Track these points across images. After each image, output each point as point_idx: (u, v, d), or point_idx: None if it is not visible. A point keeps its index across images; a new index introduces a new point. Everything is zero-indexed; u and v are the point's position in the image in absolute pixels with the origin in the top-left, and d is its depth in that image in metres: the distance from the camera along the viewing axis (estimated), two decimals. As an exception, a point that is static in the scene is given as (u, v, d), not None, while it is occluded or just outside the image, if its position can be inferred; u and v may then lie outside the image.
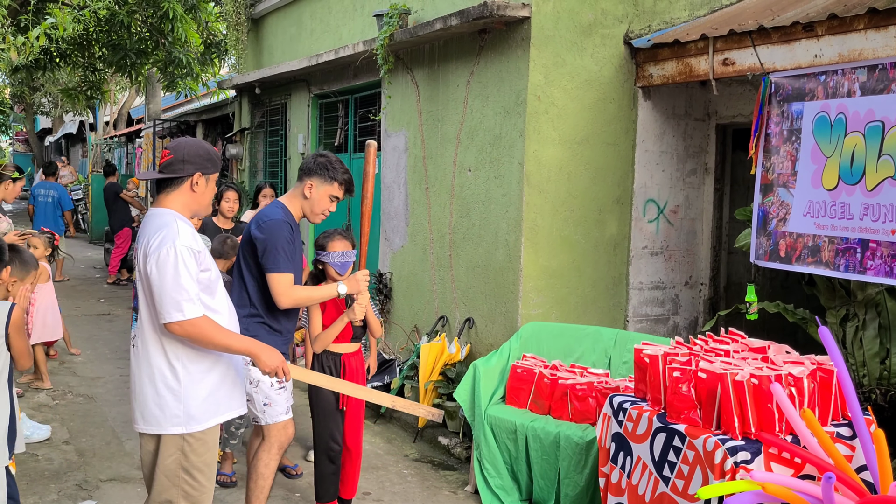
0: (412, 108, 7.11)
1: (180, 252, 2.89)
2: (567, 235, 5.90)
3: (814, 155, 4.73)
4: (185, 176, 3.04)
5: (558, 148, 5.82)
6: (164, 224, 2.97)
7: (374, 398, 3.69)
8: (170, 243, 2.89)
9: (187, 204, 3.08)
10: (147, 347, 3.00)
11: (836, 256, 4.54)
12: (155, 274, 2.88)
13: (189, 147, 3.08)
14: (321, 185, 3.78)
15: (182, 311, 2.87)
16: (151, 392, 3.00)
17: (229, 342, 3.01)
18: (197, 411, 3.01)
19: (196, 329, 2.91)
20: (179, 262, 2.88)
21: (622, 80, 6.03)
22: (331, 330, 4.10)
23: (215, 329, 2.97)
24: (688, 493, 3.47)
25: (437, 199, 6.77)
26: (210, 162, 3.10)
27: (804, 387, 3.50)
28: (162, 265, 2.87)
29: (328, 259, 4.10)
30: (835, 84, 4.62)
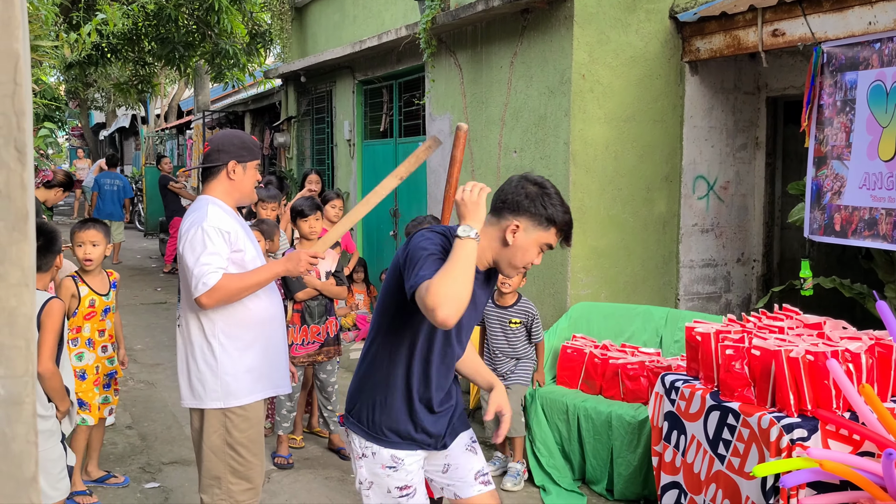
0: (456, 91, 7.11)
1: (207, 231, 2.98)
2: (615, 215, 5.85)
3: (869, 125, 4.60)
4: (221, 164, 3.14)
5: (604, 126, 5.76)
6: (196, 209, 3.12)
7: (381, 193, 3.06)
8: (197, 226, 2.99)
9: (227, 191, 3.17)
10: (188, 325, 3.12)
11: (894, 229, 4.43)
12: (184, 254, 3.00)
13: (224, 137, 3.19)
14: (533, 229, 2.46)
15: (206, 284, 2.94)
16: (194, 368, 3.11)
17: (256, 279, 3.06)
18: (236, 387, 3.09)
19: (221, 291, 2.97)
20: (206, 239, 2.97)
21: (668, 56, 5.93)
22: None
23: (237, 279, 3.02)
24: (744, 471, 3.45)
25: (482, 180, 6.76)
26: (245, 150, 3.17)
27: (862, 363, 3.43)
28: (189, 246, 2.98)
29: None
30: (890, 52, 4.49)
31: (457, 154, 2.96)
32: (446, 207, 3.17)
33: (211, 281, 2.93)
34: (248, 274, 3.05)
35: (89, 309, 4.36)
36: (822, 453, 3.15)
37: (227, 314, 3.07)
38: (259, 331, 3.15)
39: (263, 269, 3.10)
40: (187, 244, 3.00)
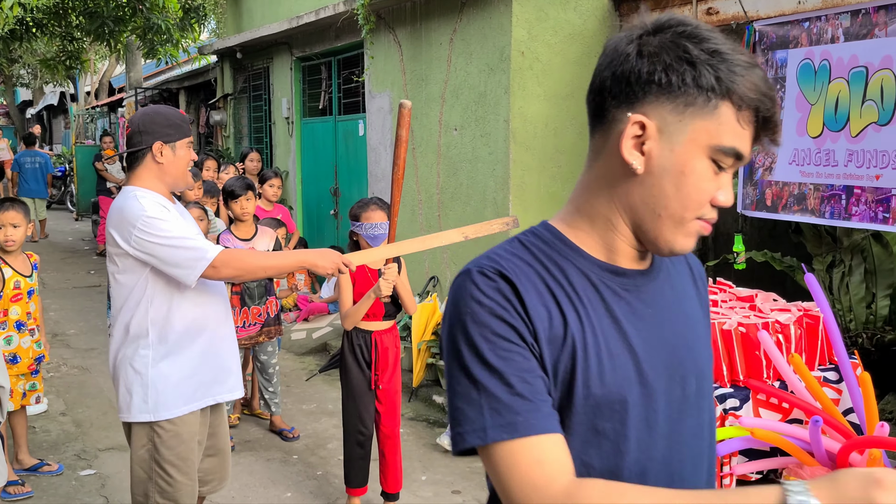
0: (395, 68, 7.05)
1: (154, 217, 2.68)
2: (555, 192, 5.90)
3: (798, 103, 4.72)
4: (145, 148, 2.79)
5: (544, 104, 5.79)
6: (123, 207, 2.74)
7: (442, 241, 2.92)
8: (140, 222, 2.66)
9: (157, 177, 2.82)
10: (117, 331, 2.83)
11: (822, 203, 4.56)
12: (146, 255, 2.68)
13: (145, 116, 2.83)
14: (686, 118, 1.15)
15: (205, 257, 2.66)
16: (123, 377, 2.82)
17: (279, 261, 2.85)
18: (165, 398, 2.79)
19: (234, 262, 2.72)
20: (162, 225, 2.67)
21: (606, 33, 5.97)
22: (359, 306, 3.75)
23: (257, 256, 2.85)
24: (678, 441, 3.53)
25: (423, 159, 6.74)
26: (171, 127, 2.81)
27: (791, 333, 3.53)
28: (148, 244, 2.67)
29: (361, 230, 3.82)
30: (818, 30, 4.60)
31: (402, 133, 2.87)
32: (395, 189, 3.03)
33: (211, 252, 2.67)
34: (272, 254, 2.89)
35: (15, 291, 4.24)
36: (754, 422, 3.25)
37: (160, 317, 2.78)
38: (197, 334, 2.86)
39: (290, 255, 2.91)
40: (143, 244, 2.67)
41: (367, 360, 3.90)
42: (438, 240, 2.84)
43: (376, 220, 3.80)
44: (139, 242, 2.66)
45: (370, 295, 3.66)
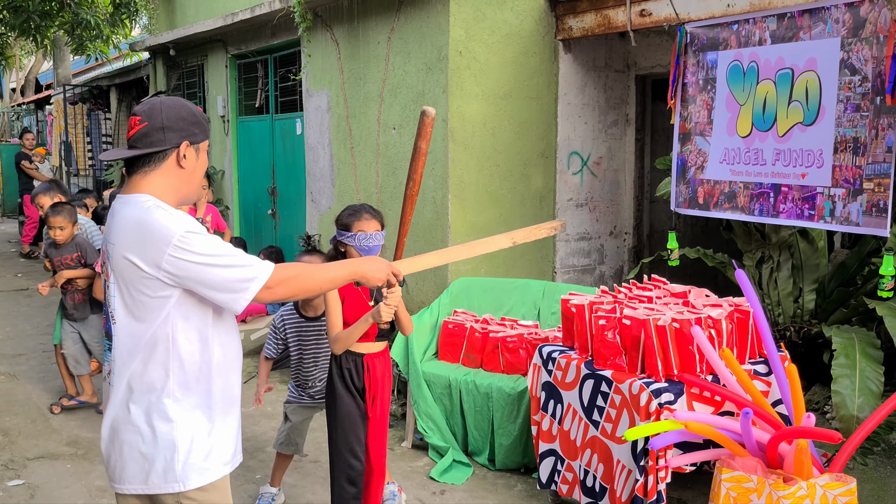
0: (333, 66, 6.99)
1: (193, 232, 2.16)
2: (493, 190, 5.94)
3: (728, 103, 4.85)
4: (169, 148, 2.25)
5: (482, 103, 5.82)
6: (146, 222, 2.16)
7: (491, 247, 2.81)
8: (177, 239, 2.13)
9: (174, 186, 2.28)
10: (125, 379, 2.25)
11: (751, 201, 4.70)
12: (184, 280, 2.16)
13: (169, 109, 2.27)
14: None
15: (258, 276, 2.18)
16: (133, 437, 2.24)
17: (333, 274, 2.38)
18: (196, 460, 2.25)
19: (291, 280, 2.25)
20: (204, 242, 2.16)
21: (543, 34, 6.04)
22: (353, 331, 3.35)
23: (309, 271, 2.33)
24: (616, 436, 3.59)
25: (362, 158, 6.71)
26: (198, 126, 2.31)
27: (723, 328, 3.63)
28: (189, 265, 2.14)
29: (353, 242, 3.38)
30: (747, 33, 4.73)
31: (422, 145, 2.60)
32: (409, 206, 2.73)
33: (263, 271, 2.19)
34: (326, 267, 2.38)
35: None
36: (687, 415, 3.33)
37: (188, 358, 2.24)
38: (226, 378, 2.34)
39: (342, 267, 2.43)
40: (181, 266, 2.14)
41: (359, 386, 3.50)
42: (486, 246, 2.70)
43: (371, 230, 3.40)
44: (176, 264, 2.12)
45: (367, 319, 3.27)
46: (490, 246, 2.72)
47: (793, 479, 3.10)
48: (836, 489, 3.08)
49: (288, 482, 4.43)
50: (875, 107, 4.06)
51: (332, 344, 3.44)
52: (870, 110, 4.08)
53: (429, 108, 2.51)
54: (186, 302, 2.21)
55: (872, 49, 4.06)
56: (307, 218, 7.67)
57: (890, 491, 3.75)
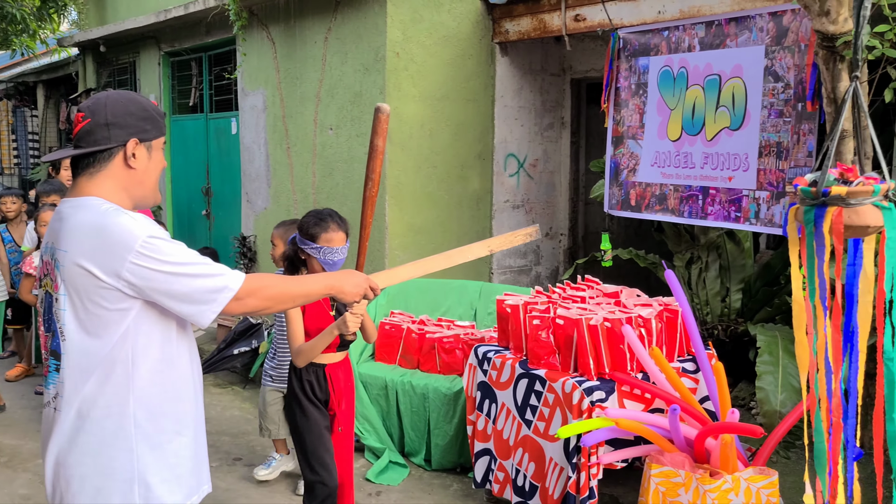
0: (269, 65, 6.92)
1: (157, 238, 1.96)
2: (431, 192, 5.96)
3: (659, 108, 4.97)
4: (115, 146, 2.04)
5: (419, 105, 5.83)
6: (103, 227, 1.95)
7: (468, 255, 2.74)
8: (140, 244, 1.92)
9: (125, 188, 2.07)
10: (74, 406, 2.00)
11: (681, 203, 4.82)
12: (147, 290, 1.94)
13: (115, 103, 2.07)
14: None
15: (228, 286, 1.99)
16: (82, 472, 2.00)
17: (307, 288, 2.21)
18: (160, 493, 2.03)
19: (262, 290, 2.06)
20: (169, 248, 1.96)
21: (480, 36, 6.09)
22: (317, 343, 3.15)
23: (281, 282, 2.14)
24: (549, 434, 3.64)
25: (298, 158, 6.65)
26: (149, 121, 2.09)
27: (653, 327, 3.71)
28: (153, 273, 1.93)
29: (318, 255, 3.20)
30: (677, 39, 4.86)
31: (378, 143, 2.51)
32: (369, 208, 2.64)
33: (234, 280, 2.01)
34: (299, 280, 2.21)
35: None
36: (618, 412, 3.39)
37: (150, 379, 2.02)
38: (191, 400, 2.14)
39: (317, 280, 2.26)
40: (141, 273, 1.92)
41: (322, 398, 3.33)
42: (463, 255, 2.63)
43: (338, 243, 3.22)
44: (138, 273, 1.92)
45: (332, 330, 3.07)
46: (467, 254, 2.67)
47: (718, 473, 3.19)
48: (758, 482, 3.18)
49: (221, 486, 4.36)
50: (797, 113, 4.21)
51: (295, 357, 3.23)
52: (792, 116, 4.23)
53: (383, 105, 2.44)
54: (148, 315, 2.00)
55: (794, 57, 4.21)
56: (242, 219, 7.56)
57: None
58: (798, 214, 2.20)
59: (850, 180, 2.14)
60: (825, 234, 2.09)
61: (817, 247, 2.13)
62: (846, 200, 2.08)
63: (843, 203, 2.08)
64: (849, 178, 2.15)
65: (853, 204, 2.09)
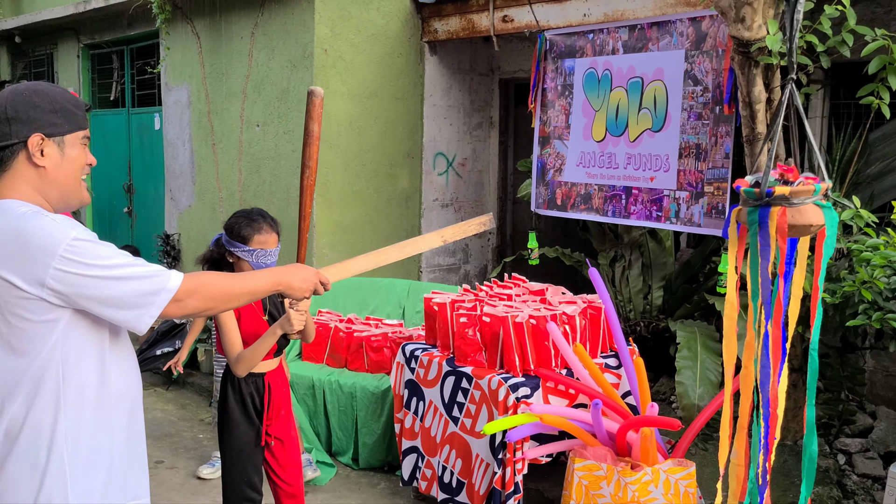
0: (194, 60, 6.78)
1: (84, 240, 1.79)
2: (359, 190, 5.93)
3: (584, 109, 5.06)
4: (16, 143, 1.86)
5: (347, 102, 5.80)
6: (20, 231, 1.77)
7: (422, 246, 2.64)
8: (64, 248, 1.75)
9: (37, 189, 1.89)
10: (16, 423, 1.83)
11: (605, 203, 4.92)
12: (75, 297, 1.77)
13: (17, 96, 1.88)
14: None
15: (165, 287, 1.83)
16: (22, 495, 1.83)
17: (252, 285, 2.02)
18: None
19: (203, 289, 1.89)
20: (99, 250, 1.80)
21: (409, 35, 6.09)
22: (259, 347, 2.93)
23: (223, 280, 1.97)
24: (475, 431, 3.68)
25: (224, 155, 6.54)
26: (61, 114, 1.90)
27: (577, 324, 3.79)
28: (81, 279, 1.76)
29: (250, 258, 3.01)
30: (601, 42, 4.95)
31: (313, 128, 2.41)
32: (307, 198, 2.51)
33: (173, 280, 1.84)
34: (243, 277, 2.03)
35: None
36: (543, 408, 3.45)
37: (78, 393, 1.84)
38: (129, 420, 1.96)
39: (264, 276, 2.06)
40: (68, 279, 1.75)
41: (259, 409, 3.13)
42: (417, 245, 2.53)
43: (271, 245, 3.05)
44: (64, 279, 1.75)
45: (275, 331, 2.87)
46: (420, 245, 2.56)
47: (639, 466, 3.27)
48: (677, 473, 3.27)
49: (142, 490, 4.26)
50: (715, 115, 4.35)
51: (234, 365, 2.99)
52: (710, 119, 4.37)
53: (316, 88, 2.33)
54: (78, 325, 1.83)
55: (713, 61, 4.35)
56: (166, 216, 7.39)
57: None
58: (741, 216, 2.24)
59: (791, 180, 2.18)
60: (771, 234, 2.13)
61: (762, 247, 2.16)
62: (789, 200, 2.11)
63: (786, 203, 2.11)
64: (789, 179, 2.19)
65: (796, 203, 2.12)
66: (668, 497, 3.23)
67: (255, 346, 2.93)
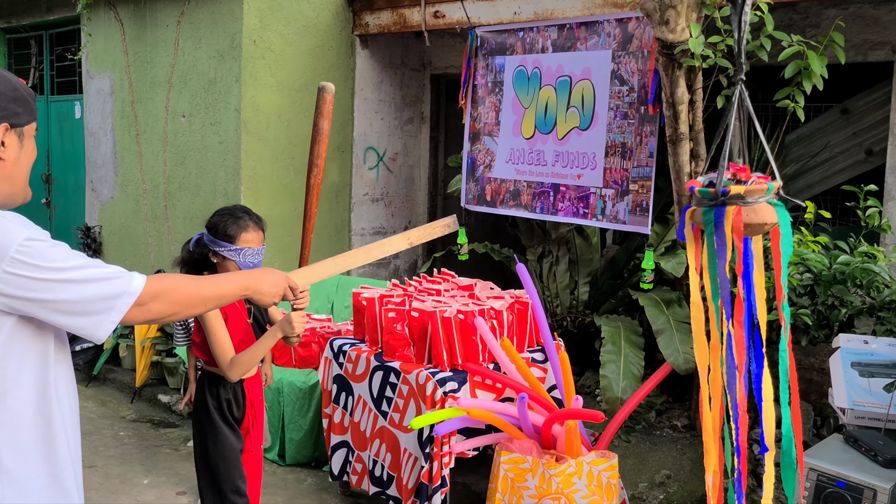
0: (117, 47, 6.58)
1: (38, 240, 1.63)
2: (288, 183, 5.86)
3: (514, 106, 5.11)
4: None
5: (276, 94, 5.73)
6: None
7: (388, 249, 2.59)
8: (16, 249, 1.59)
9: None
10: None
11: (533, 199, 4.98)
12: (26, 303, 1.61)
13: None
14: None
15: (127, 290, 1.68)
16: None
17: (221, 288, 1.91)
18: None
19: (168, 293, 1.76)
20: (55, 252, 1.64)
21: (340, 28, 6.04)
22: (257, 350, 2.81)
23: (188, 282, 1.82)
24: (403, 425, 3.68)
25: (148, 146, 6.37)
26: (19, 103, 1.73)
27: (504, 319, 3.83)
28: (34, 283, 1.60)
29: (237, 257, 2.88)
30: (531, 40, 5.01)
31: (323, 125, 2.33)
32: (313, 196, 2.41)
33: (136, 281, 1.70)
34: (210, 280, 1.90)
35: None
36: (470, 402, 3.48)
37: (16, 411, 1.67)
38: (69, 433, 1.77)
39: (231, 280, 1.96)
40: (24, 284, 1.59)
41: (238, 416, 3.04)
42: (383, 248, 2.46)
43: (257, 244, 2.93)
44: (15, 283, 1.59)
45: (275, 333, 2.71)
46: (387, 248, 2.52)
47: (564, 458, 3.33)
48: (600, 465, 3.34)
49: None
50: (640, 115, 4.45)
51: (228, 370, 2.84)
52: (635, 118, 4.47)
53: (327, 84, 2.25)
54: (21, 334, 1.65)
55: (638, 62, 4.45)
56: (87, 208, 7.16)
57: (648, 464, 4.13)
58: (696, 216, 2.26)
59: (745, 179, 2.21)
60: (727, 234, 2.15)
61: (718, 246, 2.18)
62: (744, 199, 2.14)
63: (741, 202, 2.14)
64: (742, 178, 2.22)
65: (750, 202, 2.15)
66: (591, 488, 3.30)
67: (252, 349, 2.80)
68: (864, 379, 3.41)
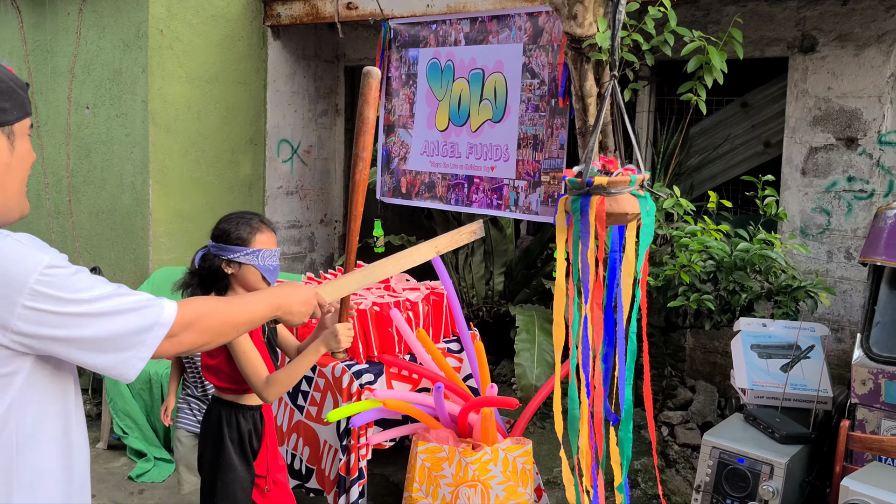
0: (15, 35, 6.30)
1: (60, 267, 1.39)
2: (199, 177, 5.74)
3: (428, 98, 5.13)
4: None
5: (186, 86, 5.59)
6: None
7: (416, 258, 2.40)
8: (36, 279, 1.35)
9: None
10: None
11: (448, 191, 5.02)
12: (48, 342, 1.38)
13: None
14: None
15: (158, 321, 1.46)
16: None
17: (251, 312, 1.71)
18: None
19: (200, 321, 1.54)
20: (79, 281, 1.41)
21: (251, 18, 5.94)
22: (298, 367, 2.49)
23: (221, 307, 1.63)
24: (321, 418, 3.67)
25: (50, 139, 6.13)
26: (7, 97, 1.47)
27: (420, 310, 3.85)
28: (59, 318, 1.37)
29: (256, 261, 2.63)
30: (444, 33, 5.04)
31: (369, 114, 2.15)
32: (359, 194, 2.28)
33: (168, 310, 1.48)
34: (240, 302, 1.71)
35: None
36: (386, 394, 3.49)
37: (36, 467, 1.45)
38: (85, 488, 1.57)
39: (261, 300, 1.76)
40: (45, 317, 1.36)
41: (256, 448, 2.77)
42: (411, 257, 2.30)
43: (272, 244, 2.71)
44: (36, 319, 1.35)
45: (318, 349, 2.44)
46: (415, 257, 2.35)
47: (480, 446, 3.38)
48: (515, 451, 3.41)
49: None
50: (551, 108, 4.54)
51: (264, 391, 2.54)
52: (546, 111, 4.55)
53: (373, 69, 2.06)
54: (39, 379, 1.42)
55: (548, 56, 4.53)
56: (-16, 204, 6.84)
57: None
58: (567, 204, 2.36)
59: (611, 171, 2.31)
60: (591, 222, 2.25)
61: (582, 233, 2.28)
62: (608, 190, 2.23)
63: (605, 192, 2.23)
64: (610, 170, 2.31)
65: (613, 193, 2.24)
66: (507, 474, 3.36)
67: (291, 366, 2.50)
68: (763, 360, 3.58)
